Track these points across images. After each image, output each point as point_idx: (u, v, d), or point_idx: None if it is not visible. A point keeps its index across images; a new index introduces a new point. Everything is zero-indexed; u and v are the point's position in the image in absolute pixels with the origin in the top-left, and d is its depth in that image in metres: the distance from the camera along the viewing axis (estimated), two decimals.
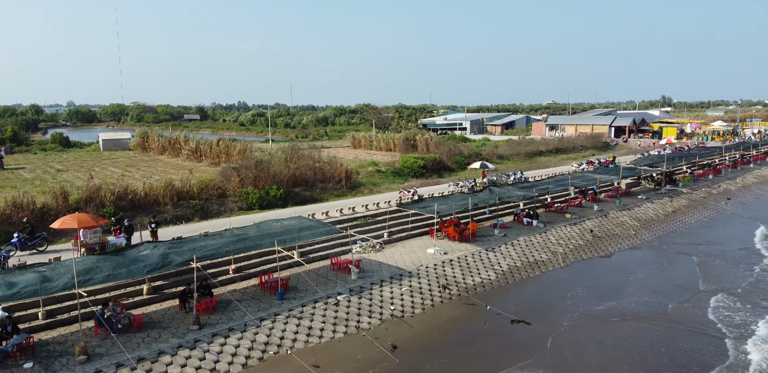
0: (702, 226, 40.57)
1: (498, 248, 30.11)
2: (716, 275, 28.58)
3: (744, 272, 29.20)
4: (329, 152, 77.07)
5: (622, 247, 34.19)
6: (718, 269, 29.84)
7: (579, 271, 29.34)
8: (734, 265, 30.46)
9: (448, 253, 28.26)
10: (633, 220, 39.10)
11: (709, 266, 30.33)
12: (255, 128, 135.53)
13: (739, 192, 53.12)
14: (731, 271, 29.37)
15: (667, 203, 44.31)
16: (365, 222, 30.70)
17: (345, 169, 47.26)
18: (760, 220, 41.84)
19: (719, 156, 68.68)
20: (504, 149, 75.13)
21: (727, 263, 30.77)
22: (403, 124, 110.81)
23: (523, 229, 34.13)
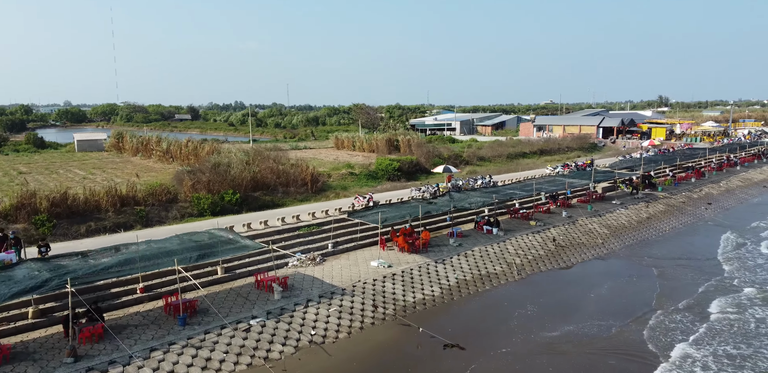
0: (676, 234, 38.20)
1: (449, 259, 27.78)
2: (671, 290, 26.43)
3: (694, 287, 26.95)
4: (310, 153, 74.98)
5: (586, 257, 31.83)
6: (676, 283, 27.64)
7: (534, 285, 27.01)
8: (692, 279, 28.27)
9: (393, 266, 25.93)
10: (603, 227, 36.71)
11: (668, 279, 28.12)
12: (244, 128, 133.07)
13: (722, 196, 50.67)
14: (686, 286, 27.16)
15: (643, 209, 41.90)
16: (309, 232, 28.35)
17: (311, 172, 44.95)
18: (736, 227, 39.50)
19: (705, 158, 66.16)
20: (486, 151, 72.75)
21: (686, 277, 28.55)
22: (392, 125, 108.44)
23: (481, 238, 31.78)
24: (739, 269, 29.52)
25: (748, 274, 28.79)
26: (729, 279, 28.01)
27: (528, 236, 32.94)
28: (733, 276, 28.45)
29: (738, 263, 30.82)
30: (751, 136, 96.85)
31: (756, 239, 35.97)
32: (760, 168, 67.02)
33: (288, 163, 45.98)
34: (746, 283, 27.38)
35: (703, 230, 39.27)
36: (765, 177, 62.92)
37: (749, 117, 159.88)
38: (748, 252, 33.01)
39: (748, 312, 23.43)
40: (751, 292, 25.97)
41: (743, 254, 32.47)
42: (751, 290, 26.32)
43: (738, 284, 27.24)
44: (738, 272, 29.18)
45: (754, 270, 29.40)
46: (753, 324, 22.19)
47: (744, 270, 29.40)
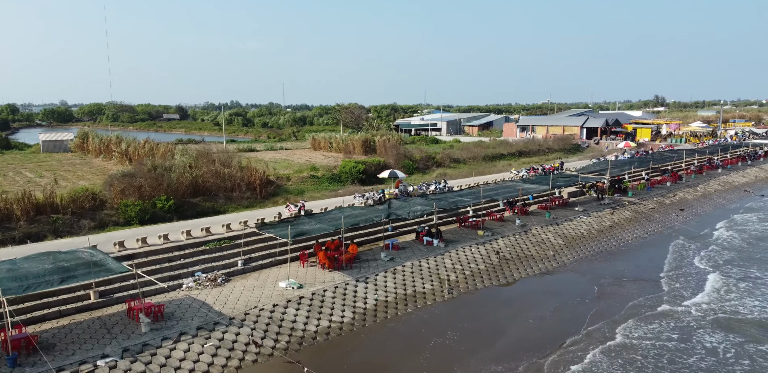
0: (639, 245, 34.98)
1: (375, 276, 24.62)
2: (602, 313, 23.34)
3: (619, 308, 23.86)
4: (284, 154, 71.86)
5: (531, 272, 28.64)
6: (609, 303, 24.50)
7: (464, 306, 23.86)
8: (626, 298, 25.14)
9: (306, 286, 22.79)
10: (557, 237, 33.49)
11: (607, 298, 25.19)
12: (230, 128, 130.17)
13: (697, 202, 47.34)
14: (613, 307, 23.98)
15: (606, 217, 38.65)
16: (218, 247, 25.20)
17: (260, 176, 41.79)
18: (700, 237, 36.24)
19: (685, 160, 62.73)
20: (461, 152, 69.48)
21: (623, 296, 25.34)
22: (376, 125, 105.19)
23: (419, 250, 28.61)
24: (674, 288, 26.40)
25: (680, 293, 25.81)
26: (656, 299, 24.91)
27: (471, 247, 29.77)
28: (662, 296, 25.36)
29: (676, 280, 27.71)
30: (738, 137, 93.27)
31: (705, 252, 32.86)
32: (744, 171, 63.66)
33: (236, 166, 42.78)
34: (671, 302, 24.52)
35: (667, 239, 35.98)
36: (747, 180, 59.55)
37: (743, 117, 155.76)
38: (690, 266, 29.89)
39: (645, 343, 20.28)
40: (668, 313, 23.12)
41: (684, 270, 29.27)
42: (667, 308, 23.73)
43: (662, 304, 24.23)
44: (672, 291, 26.10)
45: (685, 288, 26.40)
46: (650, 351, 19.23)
47: (679, 289, 26.32)
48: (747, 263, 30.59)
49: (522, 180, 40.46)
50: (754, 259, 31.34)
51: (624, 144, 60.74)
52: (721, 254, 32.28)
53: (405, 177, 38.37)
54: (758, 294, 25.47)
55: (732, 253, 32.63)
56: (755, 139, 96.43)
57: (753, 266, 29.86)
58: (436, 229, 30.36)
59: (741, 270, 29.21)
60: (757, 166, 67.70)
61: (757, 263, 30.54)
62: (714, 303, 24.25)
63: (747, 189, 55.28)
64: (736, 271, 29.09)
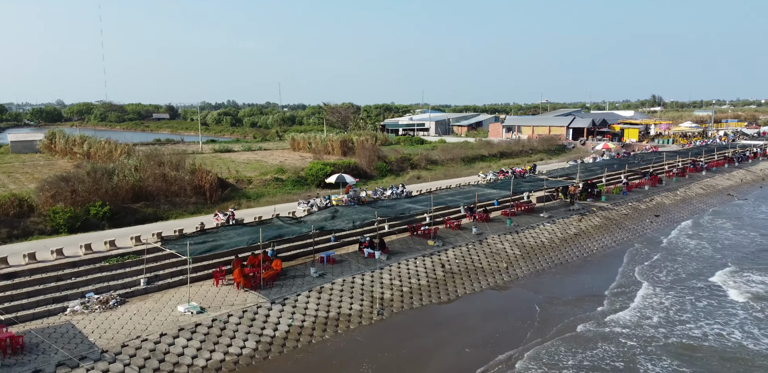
0: (603, 256, 32.05)
1: (296, 296, 21.74)
2: (535, 337, 20.55)
3: (545, 332, 20.99)
4: (260, 155, 68.96)
5: (477, 287, 25.74)
6: (545, 326, 21.62)
7: (390, 330, 21.01)
8: (569, 315, 22.41)
9: (208, 310, 19.92)
10: (515, 247, 30.55)
11: (544, 320, 22.17)
12: (217, 128, 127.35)
13: (675, 207, 44.31)
14: (547, 330, 21.18)
15: (573, 224, 35.68)
16: (121, 262, 22.32)
17: (210, 179, 38.90)
18: (667, 247, 33.30)
19: (667, 162, 59.65)
20: (438, 154, 66.46)
21: (561, 318, 22.45)
22: (362, 125, 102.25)
23: (358, 264, 25.72)
24: (612, 309, 23.49)
25: (615, 313, 22.94)
26: (590, 320, 22.05)
27: (417, 259, 26.85)
28: (595, 316, 22.49)
29: (618, 297, 24.82)
30: (727, 138, 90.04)
31: (666, 264, 29.91)
32: (729, 173, 60.55)
33: (187, 168, 39.88)
34: (602, 323, 21.75)
35: (633, 249, 32.96)
36: (732, 184, 56.45)
37: (738, 117, 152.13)
38: (636, 283, 26.86)
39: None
40: (593, 336, 20.51)
41: (632, 288, 26.25)
42: (594, 330, 21.04)
43: (594, 326, 21.44)
44: (608, 311, 23.20)
45: (624, 308, 23.55)
46: None
47: (617, 309, 23.41)
48: (703, 277, 27.66)
49: (486, 185, 37.48)
50: (714, 273, 28.38)
51: (603, 145, 57.62)
52: (684, 267, 29.35)
53: (355, 182, 35.33)
54: (695, 315, 22.53)
55: (695, 265, 29.74)
56: (745, 139, 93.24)
57: (708, 281, 26.95)
58: (379, 239, 27.44)
59: (691, 286, 26.28)
60: (745, 169, 64.60)
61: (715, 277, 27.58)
62: (659, 327, 21.38)
63: (730, 193, 52.22)
64: (684, 287, 26.18)
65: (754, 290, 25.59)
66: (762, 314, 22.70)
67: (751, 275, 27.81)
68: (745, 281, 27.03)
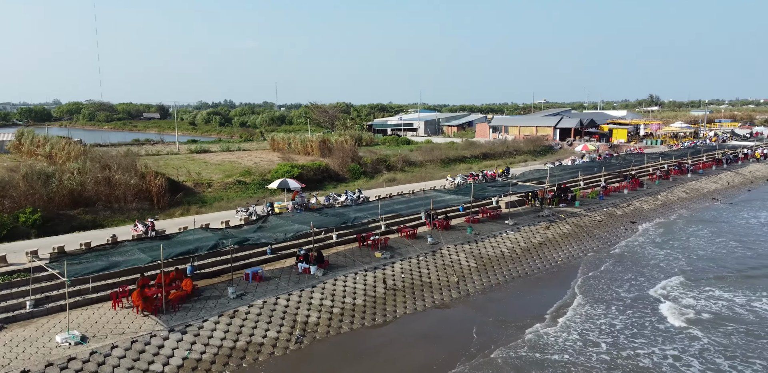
0: (565, 268, 29.23)
1: (200, 323, 18.96)
2: (463, 365, 17.49)
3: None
4: (236, 156, 66.10)
5: (419, 306, 22.94)
6: (473, 353, 18.90)
7: (307, 360, 18.28)
8: (499, 340, 19.43)
9: (91, 340, 17.15)
10: (471, 259, 27.71)
11: (476, 347, 19.34)
12: (205, 127, 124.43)
13: (653, 212, 41.39)
14: (478, 354, 18.47)
15: (540, 231, 32.82)
16: (8, 282, 19.54)
17: (159, 183, 36.14)
18: (633, 260, 30.37)
19: (649, 164, 56.69)
20: (417, 155, 63.62)
21: (494, 342, 19.73)
22: (349, 125, 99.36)
23: (289, 281, 22.91)
24: (545, 333, 20.62)
25: (544, 339, 20.09)
26: (518, 347, 19.18)
27: (358, 275, 24.04)
28: (524, 345, 19.60)
29: (555, 320, 21.93)
30: (717, 139, 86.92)
31: (627, 279, 27.03)
32: (716, 176, 57.46)
33: (140, 172, 37.07)
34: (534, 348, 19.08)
35: (599, 261, 30.05)
36: (718, 187, 53.42)
37: (733, 117, 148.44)
38: (579, 303, 23.93)
39: None
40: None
41: (567, 309, 23.38)
42: (515, 355, 18.31)
43: (516, 358, 18.53)
44: (542, 336, 20.33)
45: (561, 332, 20.68)
46: None
47: (551, 334, 20.50)
48: (657, 293, 24.82)
49: (448, 190, 34.58)
50: (671, 288, 25.53)
51: (582, 147, 54.63)
52: (641, 282, 26.51)
53: (299, 187, 32.38)
54: (640, 339, 19.73)
55: (654, 278, 26.97)
56: (736, 140, 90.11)
57: (660, 298, 24.14)
58: (317, 252, 24.61)
59: (641, 305, 23.47)
60: (733, 171, 61.50)
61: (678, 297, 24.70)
62: (594, 354, 18.59)
63: (715, 197, 49.24)
64: (634, 306, 23.40)
65: (713, 310, 22.81)
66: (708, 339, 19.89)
67: (714, 291, 25.09)
68: (706, 297, 24.30)
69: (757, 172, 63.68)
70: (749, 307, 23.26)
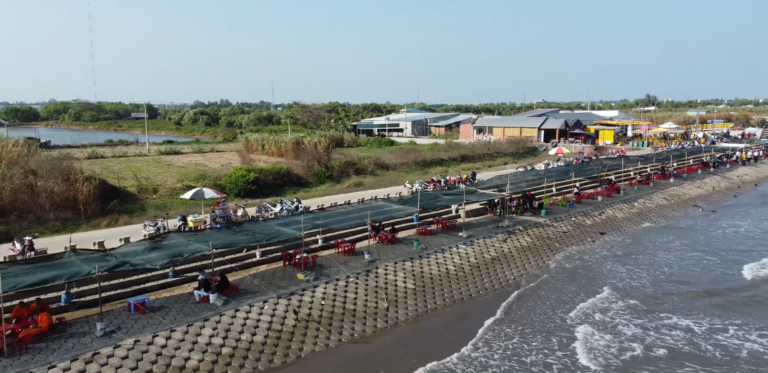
0: (514, 287, 25.41)
1: (46, 371, 15.31)
2: None
3: None
4: (206, 157, 62.58)
5: (333, 341, 19.34)
6: None
7: None
8: None
9: None
10: (410, 279, 24.09)
11: None
12: (189, 127, 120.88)
13: (626, 222, 37.70)
14: None
15: (495, 245, 29.17)
16: None
17: (88, 190, 32.56)
18: (589, 278, 26.65)
19: (634, 168, 52.95)
20: (391, 158, 59.97)
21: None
22: (333, 125, 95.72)
23: (179, 313, 19.29)
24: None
25: None
26: None
27: (268, 302, 20.46)
28: None
29: (476, 357, 18.20)
30: (706, 140, 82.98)
31: (567, 300, 23.25)
32: (701, 180, 53.67)
33: (60, 177, 33.47)
34: None
35: (547, 278, 26.36)
36: (701, 193, 49.64)
37: (729, 117, 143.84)
38: (505, 334, 20.30)
39: None
40: None
41: (503, 343, 19.84)
42: None
43: None
44: None
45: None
46: None
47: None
48: (606, 323, 21.10)
49: (398, 199, 30.91)
50: (627, 317, 21.82)
51: (557, 150, 50.88)
52: (586, 307, 22.78)
53: (222, 197, 28.63)
54: None
55: (602, 302, 23.17)
56: (727, 142, 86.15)
57: (598, 329, 20.42)
58: (221, 277, 21.00)
59: (564, 334, 19.73)
60: (720, 175, 57.68)
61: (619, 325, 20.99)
62: None
63: (697, 204, 45.49)
64: (563, 335, 19.61)
65: (667, 343, 19.13)
66: None
67: (672, 318, 21.37)
68: (659, 326, 20.64)
69: (745, 176, 59.91)
70: (714, 341, 19.62)
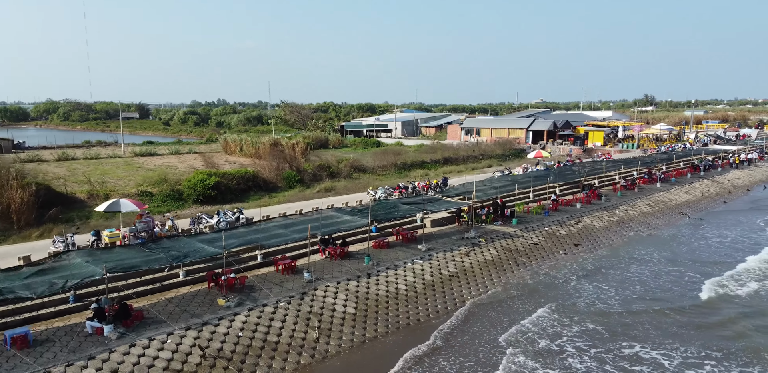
0: (472, 307, 22.48)
1: None
2: None
3: None
4: (180, 159, 59.81)
5: None
6: None
7: None
8: None
9: None
10: (351, 302, 21.20)
11: None
12: (178, 128, 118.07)
13: (605, 231, 34.72)
14: None
15: (455, 259, 26.25)
16: None
17: (21, 197, 29.73)
18: (549, 297, 23.62)
19: (618, 172, 49.92)
20: (370, 160, 57.03)
21: None
22: (320, 125, 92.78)
23: (64, 348, 16.42)
24: None
25: None
26: None
27: (171, 337, 17.49)
28: None
29: None
30: (696, 142, 79.71)
31: (525, 330, 20.24)
32: (690, 185, 50.64)
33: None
34: None
35: (506, 303, 23.37)
36: (689, 198, 46.61)
37: (726, 117, 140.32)
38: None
39: None
40: None
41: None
42: None
43: None
44: None
45: None
46: None
47: None
48: (563, 352, 18.10)
49: (351, 209, 27.95)
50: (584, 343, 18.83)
51: (535, 153, 47.84)
52: (525, 337, 19.78)
53: (141, 210, 25.50)
54: None
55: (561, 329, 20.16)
56: (720, 144, 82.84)
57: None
58: (120, 305, 18.06)
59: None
60: (710, 179, 54.62)
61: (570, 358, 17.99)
62: None
63: (683, 211, 42.44)
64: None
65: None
66: None
67: (636, 347, 18.35)
68: (620, 359, 17.61)
69: (737, 180, 56.83)
70: None
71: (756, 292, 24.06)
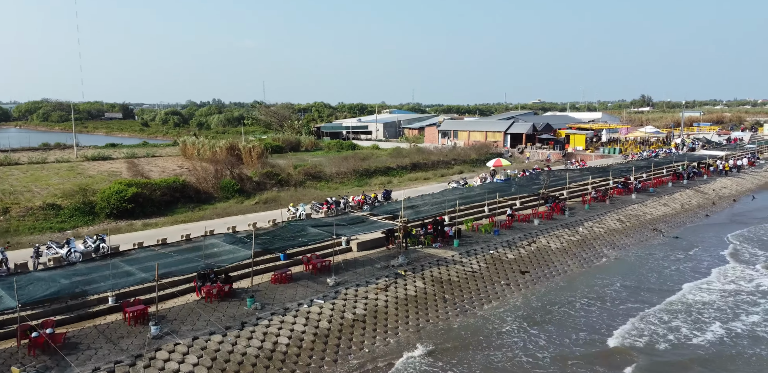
0: (375, 359, 17.10)
1: None
2: None
3: None
4: (131, 164, 54.60)
5: None
6: None
7: None
8: None
9: None
10: (202, 368, 15.73)
11: None
12: (157, 128, 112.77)
13: (562, 255, 29.21)
14: None
15: (369, 296, 20.82)
16: None
17: None
18: (475, 347, 18.11)
19: (588, 181, 44.26)
20: (330, 166, 51.57)
21: None
22: (296, 127, 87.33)
23: None
24: None
25: None
26: None
27: None
28: None
29: None
30: (680, 146, 73.80)
31: None
32: (670, 195, 44.95)
33: None
34: None
35: (409, 366, 17.90)
36: (667, 211, 40.97)
37: (721, 119, 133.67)
38: None
39: None
40: None
41: None
42: None
43: None
44: None
45: None
46: None
47: None
48: None
49: (238, 238, 22.46)
50: None
51: (494, 162, 42.24)
52: None
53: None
54: None
55: None
56: (708, 148, 76.73)
57: None
58: None
59: None
60: (694, 188, 48.83)
61: None
62: None
63: (658, 227, 36.87)
64: None
65: None
66: None
67: None
68: None
69: (723, 189, 51.07)
70: None
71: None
